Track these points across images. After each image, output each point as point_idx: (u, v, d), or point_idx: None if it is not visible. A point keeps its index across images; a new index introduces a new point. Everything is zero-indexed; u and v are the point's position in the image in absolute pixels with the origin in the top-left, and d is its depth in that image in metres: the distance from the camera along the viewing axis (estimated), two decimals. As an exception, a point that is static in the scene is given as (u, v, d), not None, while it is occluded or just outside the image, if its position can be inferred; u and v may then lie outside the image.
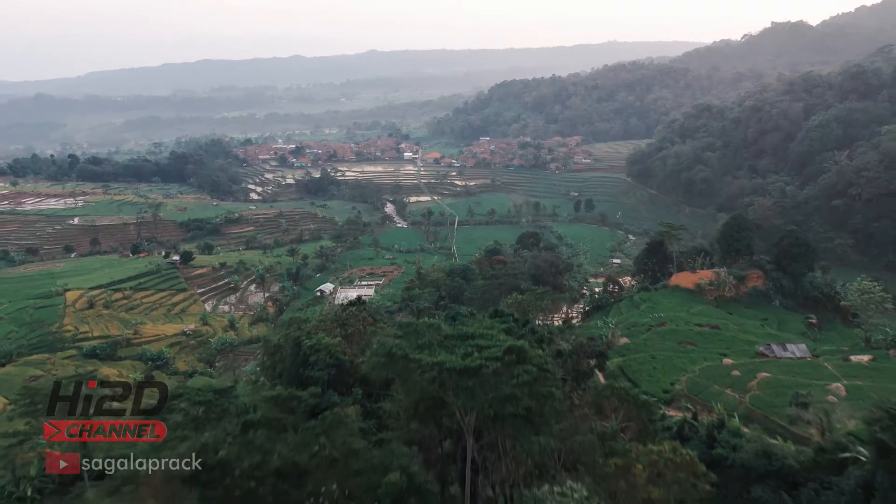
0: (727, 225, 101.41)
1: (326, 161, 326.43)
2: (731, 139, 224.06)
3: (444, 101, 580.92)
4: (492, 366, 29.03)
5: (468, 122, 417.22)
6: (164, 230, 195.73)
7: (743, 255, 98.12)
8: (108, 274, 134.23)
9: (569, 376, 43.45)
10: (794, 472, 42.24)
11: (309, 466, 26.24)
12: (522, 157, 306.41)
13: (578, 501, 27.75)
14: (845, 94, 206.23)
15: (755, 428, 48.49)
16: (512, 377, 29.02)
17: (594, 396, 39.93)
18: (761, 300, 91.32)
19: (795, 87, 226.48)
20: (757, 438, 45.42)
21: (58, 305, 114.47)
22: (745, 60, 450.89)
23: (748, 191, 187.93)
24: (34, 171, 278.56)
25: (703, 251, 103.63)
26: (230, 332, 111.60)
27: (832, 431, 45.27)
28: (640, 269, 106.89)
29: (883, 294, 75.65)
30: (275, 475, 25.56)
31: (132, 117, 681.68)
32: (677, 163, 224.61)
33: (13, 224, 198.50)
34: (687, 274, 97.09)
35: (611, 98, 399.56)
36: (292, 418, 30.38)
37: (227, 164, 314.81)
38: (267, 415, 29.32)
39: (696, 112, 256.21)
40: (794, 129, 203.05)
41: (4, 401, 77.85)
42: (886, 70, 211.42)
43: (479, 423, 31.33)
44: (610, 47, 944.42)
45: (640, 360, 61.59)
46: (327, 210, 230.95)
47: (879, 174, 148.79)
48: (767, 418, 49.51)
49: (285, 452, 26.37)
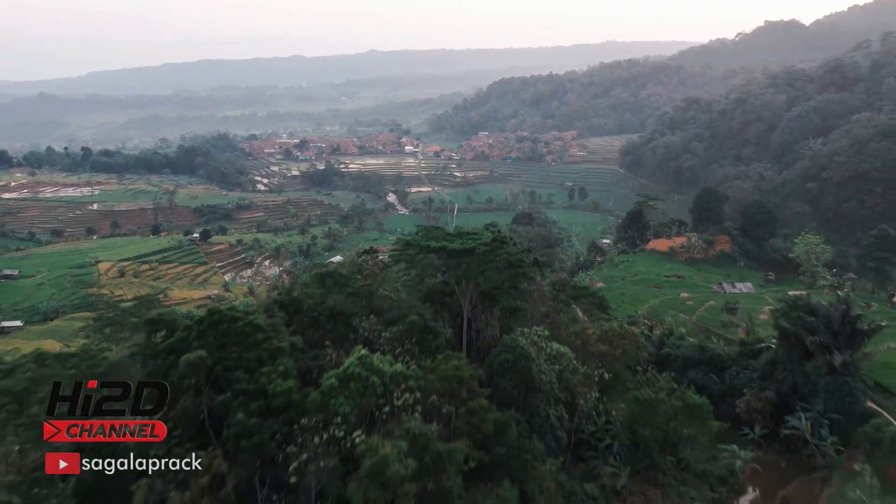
0: (699, 196, 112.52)
1: (330, 154, 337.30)
2: (718, 130, 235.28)
3: (444, 100, 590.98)
4: (482, 248, 40.15)
5: (467, 119, 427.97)
6: (179, 215, 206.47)
7: (713, 224, 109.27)
8: (135, 248, 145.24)
9: (551, 288, 54.71)
10: (722, 359, 53.73)
11: (354, 310, 37.35)
12: (519, 151, 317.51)
13: (541, 338, 38.87)
14: (825, 87, 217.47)
15: (698, 336, 59.79)
16: (497, 256, 40.09)
17: (566, 295, 51.10)
18: (728, 261, 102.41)
19: (778, 80, 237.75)
20: (695, 341, 56.74)
21: (92, 274, 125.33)
22: (739, 58, 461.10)
23: (732, 177, 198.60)
24: (49, 163, 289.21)
25: (678, 222, 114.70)
26: (250, 297, 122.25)
27: (754, 331, 56.59)
28: (621, 237, 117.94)
29: (823, 246, 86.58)
30: (329, 313, 36.63)
31: (135, 116, 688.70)
32: (666, 153, 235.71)
33: (35, 209, 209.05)
34: (663, 240, 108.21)
35: (606, 94, 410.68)
36: (336, 288, 41.43)
37: (233, 158, 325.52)
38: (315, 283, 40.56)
39: (685, 105, 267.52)
40: (777, 119, 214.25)
41: (59, 345, 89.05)
42: (864, 64, 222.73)
43: (472, 297, 42.35)
44: (608, 47, 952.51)
45: (611, 296, 72.61)
46: (333, 198, 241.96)
47: (849, 158, 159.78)
48: (708, 329, 60.77)
49: (333, 301, 37.49)
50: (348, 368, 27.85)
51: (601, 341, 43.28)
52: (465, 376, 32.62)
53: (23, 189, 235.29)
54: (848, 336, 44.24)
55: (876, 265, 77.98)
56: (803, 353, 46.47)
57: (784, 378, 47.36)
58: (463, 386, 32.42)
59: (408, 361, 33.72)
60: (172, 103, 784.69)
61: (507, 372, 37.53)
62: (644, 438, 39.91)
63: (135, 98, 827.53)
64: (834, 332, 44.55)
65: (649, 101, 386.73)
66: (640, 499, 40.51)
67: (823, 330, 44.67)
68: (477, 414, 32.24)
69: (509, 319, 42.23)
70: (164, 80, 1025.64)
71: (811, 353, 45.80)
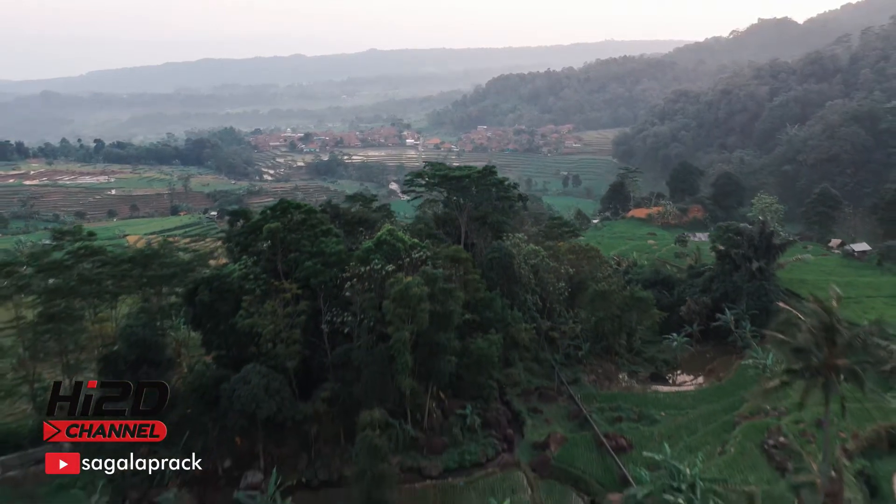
0: (675, 170, 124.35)
1: (333, 147, 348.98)
2: (704, 120, 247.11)
3: (444, 97, 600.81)
4: (475, 175, 51.93)
5: (467, 114, 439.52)
6: (193, 200, 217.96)
7: (688, 195, 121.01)
8: (158, 224, 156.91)
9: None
10: (672, 280, 65.73)
11: (377, 219, 49.14)
12: (517, 143, 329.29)
13: (523, 241, 50.62)
14: (805, 78, 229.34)
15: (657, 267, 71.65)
16: (486, 180, 51.89)
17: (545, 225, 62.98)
18: (700, 227, 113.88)
19: (763, 72, 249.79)
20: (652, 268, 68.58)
21: (123, 245, 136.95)
22: (732, 55, 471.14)
23: (717, 163, 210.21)
24: (64, 154, 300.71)
25: (657, 194, 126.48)
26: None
27: (700, 259, 68.49)
28: (605, 207, 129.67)
29: (777, 206, 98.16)
30: (359, 219, 48.43)
31: (138, 114, 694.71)
32: (656, 141, 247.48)
33: (56, 195, 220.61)
34: (642, 209, 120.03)
35: (602, 90, 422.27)
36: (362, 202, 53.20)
37: (240, 150, 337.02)
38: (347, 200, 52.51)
39: (675, 97, 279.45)
40: (760, 109, 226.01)
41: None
42: (843, 57, 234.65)
43: (467, 218, 54.09)
44: (607, 46, 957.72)
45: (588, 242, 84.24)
46: (338, 186, 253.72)
47: (822, 142, 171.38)
48: (665, 262, 72.70)
49: (361, 211, 49.26)
50: (381, 237, 39.57)
51: (570, 252, 55.11)
52: (462, 256, 44.31)
53: (42, 177, 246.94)
54: (765, 249, 55.98)
55: (818, 218, 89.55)
56: (733, 267, 58.27)
57: (717, 287, 59.14)
58: (461, 264, 44.08)
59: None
60: (174, 101, 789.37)
61: (494, 266, 49.26)
62: (600, 321, 51.57)
63: (137, 96, 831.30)
64: (755, 246, 56.30)
65: (643, 95, 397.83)
66: (598, 368, 52.26)
67: (746, 245, 56.44)
68: (471, 283, 43.95)
69: (497, 234, 53.94)
70: (165, 79, 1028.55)
71: (738, 266, 57.60)
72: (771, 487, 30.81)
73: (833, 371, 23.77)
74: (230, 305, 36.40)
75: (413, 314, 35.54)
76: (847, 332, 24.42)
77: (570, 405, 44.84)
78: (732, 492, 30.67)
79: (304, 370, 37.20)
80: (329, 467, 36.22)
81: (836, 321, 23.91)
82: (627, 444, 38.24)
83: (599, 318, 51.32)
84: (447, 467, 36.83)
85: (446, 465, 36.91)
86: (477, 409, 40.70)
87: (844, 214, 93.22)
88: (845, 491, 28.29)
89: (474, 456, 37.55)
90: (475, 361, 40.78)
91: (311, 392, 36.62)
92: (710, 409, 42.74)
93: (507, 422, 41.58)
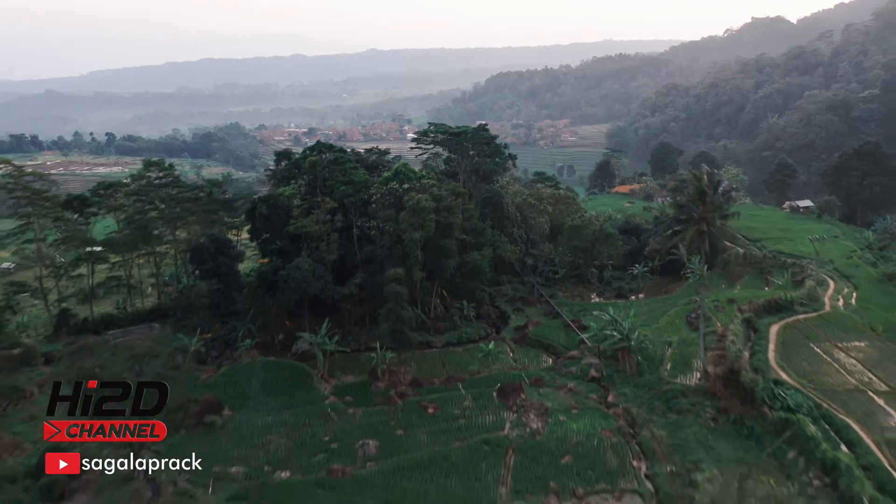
0: (656, 150, 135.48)
1: (337, 141, 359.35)
2: (693, 112, 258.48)
3: (444, 95, 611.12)
4: (470, 131, 63.00)
5: (466, 110, 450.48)
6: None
7: (668, 172, 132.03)
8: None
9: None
10: (640, 228, 76.75)
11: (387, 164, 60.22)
12: (514, 136, 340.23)
13: (510, 184, 61.68)
14: (788, 72, 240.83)
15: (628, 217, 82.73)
16: (481, 136, 62.96)
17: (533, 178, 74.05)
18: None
19: (749, 67, 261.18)
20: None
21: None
22: (726, 53, 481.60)
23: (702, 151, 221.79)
24: (77, 147, 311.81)
25: (641, 173, 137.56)
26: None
27: (665, 211, 79.59)
28: (592, 184, 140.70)
29: (741, 177, 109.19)
30: (374, 164, 59.49)
31: (140, 112, 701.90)
32: (647, 133, 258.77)
33: (75, 183, 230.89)
34: (627, 185, 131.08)
35: (598, 86, 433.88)
36: (377, 156, 64.35)
37: (246, 143, 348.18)
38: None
39: (666, 91, 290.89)
40: (745, 101, 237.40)
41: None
42: (825, 51, 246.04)
43: (466, 168, 65.09)
44: (605, 45, 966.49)
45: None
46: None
47: (799, 130, 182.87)
48: (636, 217, 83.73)
49: (375, 159, 60.34)
50: (397, 168, 50.71)
51: (550, 198, 66.24)
52: (461, 191, 55.41)
53: (58, 167, 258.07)
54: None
55: (776, 185, 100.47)
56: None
57: (675, 232, 70.14)
58: (459, 196, 55.17)
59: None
60: (176, 100, 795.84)
61: (487, 204, 60.33)
62: (574, 250, 62.59)
63: (139, 95, 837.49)
64: (702, 190, 67.19)
65: (638, 91, 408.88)
66: (573, 291, 63.35)
67: (693, 190, 67.35)
68: (468, 212, 55.04)
69: (490, 183, 65.05)
70: (166, 78, 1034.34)
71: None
72: (685, 336, 42.01)
73: (705, 221, 34.86)
74: (282, 218, 47.33)
75: (423, 223, 46.44)
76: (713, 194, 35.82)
77: (546, 307, 55.87)
78: (657, 340, 41.85)
79: (339, 265, 48.21)
80: (358, 340, 47.25)
81: (704, 186, 35.08)
82: (587, 327, 49.28)
83: (574, 246, 62.34)
84: (449, 342, 47.88)
85: (448, 340, 47.96)
86: (472, 306, 51.81)
87: (799, 182, 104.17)
88: (730, 331, 39.57)
89: (470, 334, 48.66)
90: (470, 271, 51.83)
91: (345, 281, 47.57)
92: (656, 304, 53.81)
93: (496, 316, 52.68)
